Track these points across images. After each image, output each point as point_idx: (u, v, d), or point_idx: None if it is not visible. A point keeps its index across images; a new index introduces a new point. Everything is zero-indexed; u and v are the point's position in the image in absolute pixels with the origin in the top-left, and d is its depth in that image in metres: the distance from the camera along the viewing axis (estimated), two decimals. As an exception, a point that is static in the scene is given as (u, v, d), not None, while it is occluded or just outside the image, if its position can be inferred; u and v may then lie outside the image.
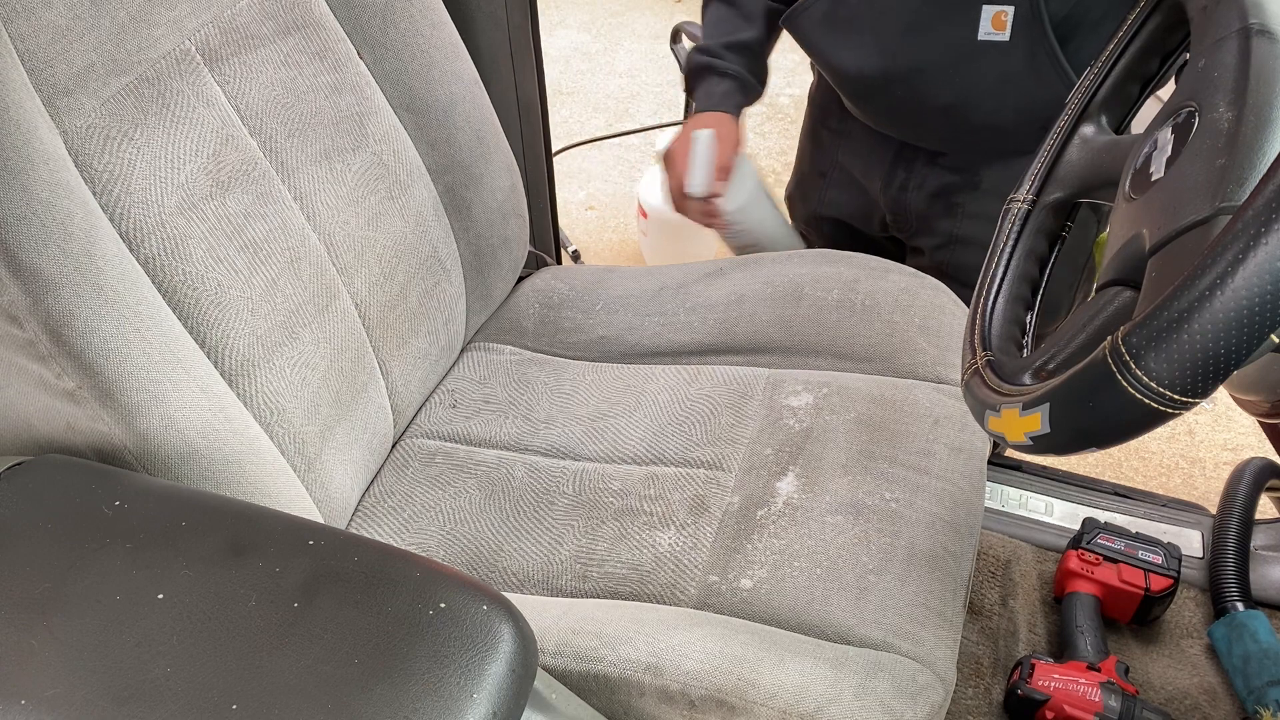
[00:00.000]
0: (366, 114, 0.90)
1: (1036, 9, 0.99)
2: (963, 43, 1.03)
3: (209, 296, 0.73)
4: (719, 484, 0.89)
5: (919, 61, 1.07)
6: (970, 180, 1.17)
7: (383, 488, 0.94)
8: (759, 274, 1.08)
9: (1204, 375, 0.43)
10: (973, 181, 1.17)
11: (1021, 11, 0.99)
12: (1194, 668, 1.07)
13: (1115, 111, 0.70)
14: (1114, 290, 0.56)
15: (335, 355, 0.84)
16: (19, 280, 0.58)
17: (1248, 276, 0.41)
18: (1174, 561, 1.08)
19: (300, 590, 0.52)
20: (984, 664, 1.08)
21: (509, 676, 0.50)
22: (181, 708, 0.48)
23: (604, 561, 0.84)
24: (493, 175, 1.04)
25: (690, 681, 0.69)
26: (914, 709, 0.68)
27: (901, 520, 0.82)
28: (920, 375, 0.97)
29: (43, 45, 0.64)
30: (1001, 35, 1.01)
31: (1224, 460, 1.70)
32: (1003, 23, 1.00)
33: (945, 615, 0.77)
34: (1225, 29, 0.56)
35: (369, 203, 0.89)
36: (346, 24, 0.90)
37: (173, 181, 0.72)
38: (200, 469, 0.67)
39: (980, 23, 1.01)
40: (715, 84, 1.19)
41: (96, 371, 0.61)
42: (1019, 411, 0.51)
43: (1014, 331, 0.65)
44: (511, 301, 1.15)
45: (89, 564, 0.54)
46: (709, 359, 1.04)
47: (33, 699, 0.48)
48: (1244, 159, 0.50)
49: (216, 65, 0.78)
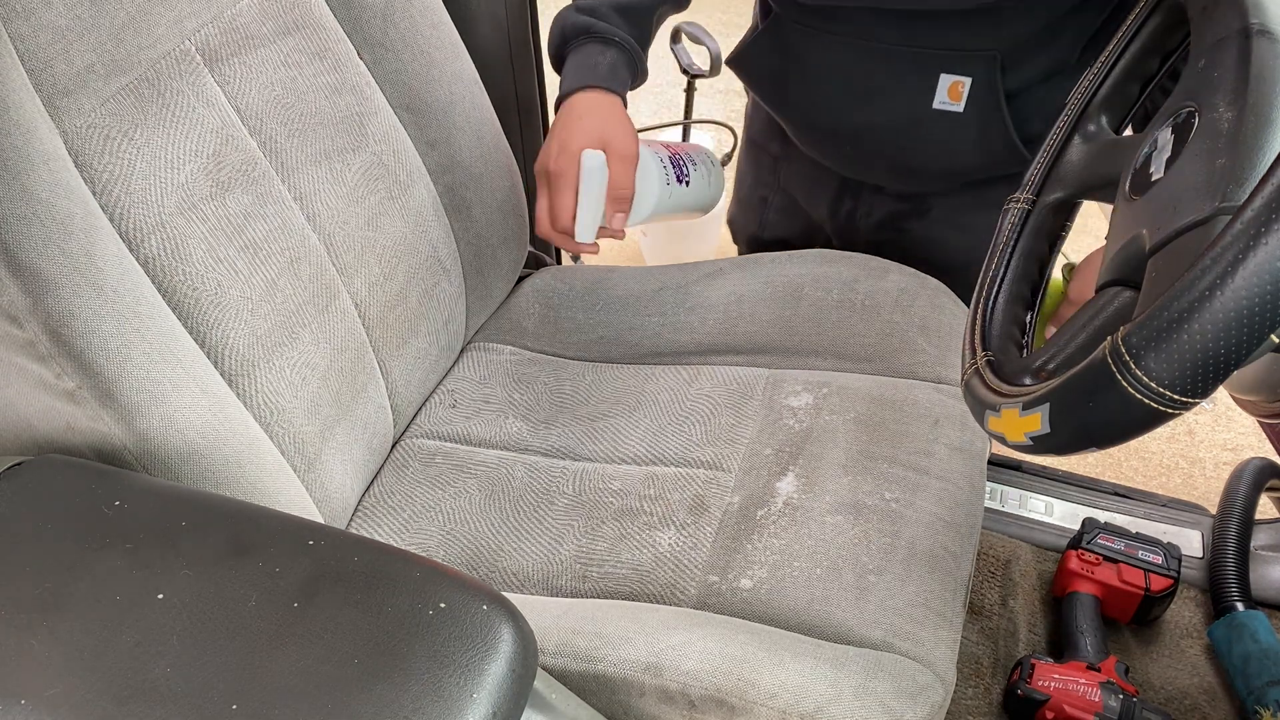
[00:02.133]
0: (366, 114, 0.90)
1: (993, 81, 0.96)
2: (916, 110, 0.99)
3: (209, 296, 0.73)
4: (719, 484, 0.89)
5: (868, 123, 1.03)
6: (919, 208, 1.14)
7: (383, 488, 0.94)
8: (759, 274, 1.08)
9: (1204, 375, 0.43)
10: (921, 209, 1.14)
11: (978, 83, 0.96)
12: (1194, 668, 1.07)
13: (1115, 111, 0.70)
14: (1114, 290, 0.56)
15: (335, 355, 0.84)
16: (19, 280, 0.58)
17: (1248, 276, 0.41)
18: (1174, 561, 1.08)
19: (300, 590, 0.52)
20: (984, 664, 1.08)
21: (509, 676, 0.50)
22: (181, 708, 0.48)
23: (604, 561, 0.84)
24: (493, 175, 1.04)
25: (690, 681, 0.69)
26: (914, 709, 0.68)
27: (901, 520, 0.82)
28: (920, 375, 0.97)
29: (43, 45, 0.64)
30: (956, 106, 0.98)
31: (1224, 460, 1.70)
32: (959, 94, 0.97)
33: (945, 615, 0.77)
34: (1225, 29, 0.56)
35: (369, 203, 0.89)
36: (346, 24, 0.90)
37: (173, 181, 0.72)
38: (200, 469, 0.67)
39: (936, 91, 0.97)
40: (598, 54, 0.95)
41: (96, 371, 0.61)
42: (1019, 411, 0.51)
43: (1014, 331, 0.65)
44: (511, 301, 1.15)
45: (89, 564, 0.54)
46: (709, 359, 1.04)
47: (33, 699, 0.48)
48: (1244, 159, 0.50)
49: (216, 65, 0.78)
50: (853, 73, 1.00)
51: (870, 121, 1.02)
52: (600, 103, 0.94)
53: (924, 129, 1.00)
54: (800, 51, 1.02)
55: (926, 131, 1.01)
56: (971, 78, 0.96)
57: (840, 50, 0.99)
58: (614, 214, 0.94)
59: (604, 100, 0.94)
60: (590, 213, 0.92)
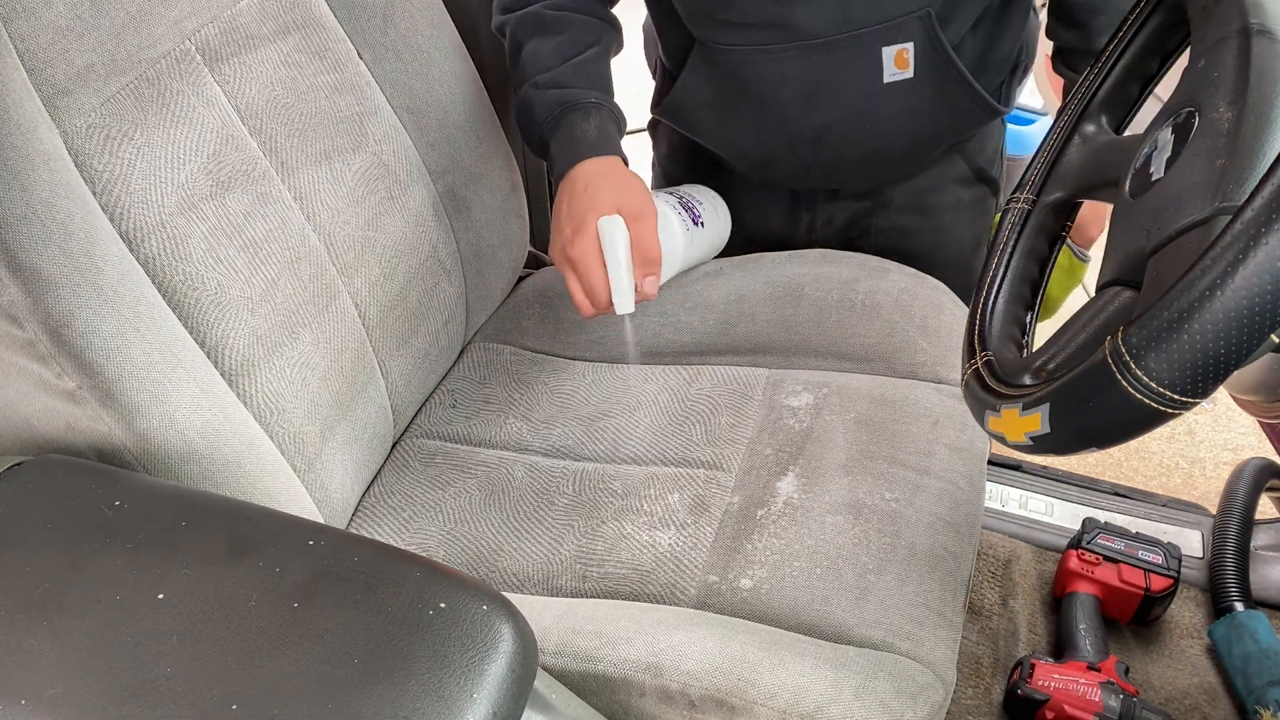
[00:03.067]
0: (366, 114, 0.90)
1: (934, 37, 0.96)
2: (869, 89, 0.99)
3: (209, 296, 0.73)
4: (719, 484, 0.89)
5: (825, 119, 1.02)
6: (880, 201, 1.14)
7: (383, 488, 0.94)
8: (759, 274, 1.08)
9: (1204, 375, 0.43)
10: (882, 202, 1.14)
11: (920, 44, 0.96)
12: (1194, 668, 1.07)
13: (1115, 111, 0.70)
14: (1114, 290, 0.56)
15: (335, 355, 0.84)
16: (19, 280, 0.58)
17: (1248, 276, 0.41)
18: (1174, 561, 1.08)
19: (300, 590, 0.52)
20: (984, 664, 1.08)
21: (509, 676, 0.50)
22: (181, 708, 0.48)
23: (604, 561, 0.84)
24: (493, 175, 1.04)
25: (690, 681, 0.69)
26: (914, 709, 0.68)
27: (901, 520, 0.82)
28: (920, 375, 0.97)
29: (43, 45, 0.64)
30: (906, 73, 0.98)
31: (1224, 460, 1.70)
32: (905, 60, 0.97)
33: (945, 615, 0.77)
34: (1225, 29, 0.56)
35: (369, 203, 0.89)
36: (346, 24, 0.90)
37: (173, 181, 0.72)
38: (200, 469, 0.67)
39: (884, 66, 0.97)
40: (580, 123, 0.93)
41: (96, 371, 0.61)
42: (1019, 411, 0.51)
43: (1014, 331, 0.65)
44: (511, 301, 1.15)
45: (89, 564, 0.54)
46: (709, 359, 1.04)
47: (33, 699, 0.48)
48: (1244, 159, 0.50)
49: (216, 65, 0.78)
50: (799, 76, 0.99)
51: (827, 119, 1.02)
52: (601, 169, 0.91)
53: (881, 105, 1.00)
54: (739, 74, 1.01)
55: (884, 107, 1.01)
56: (912, 41, 0.96)
57: (781, 59, 0.98)
58: (644, 277, 0.89)
59: (604, 165, 0.91)
60: (624, 281, 0.88)
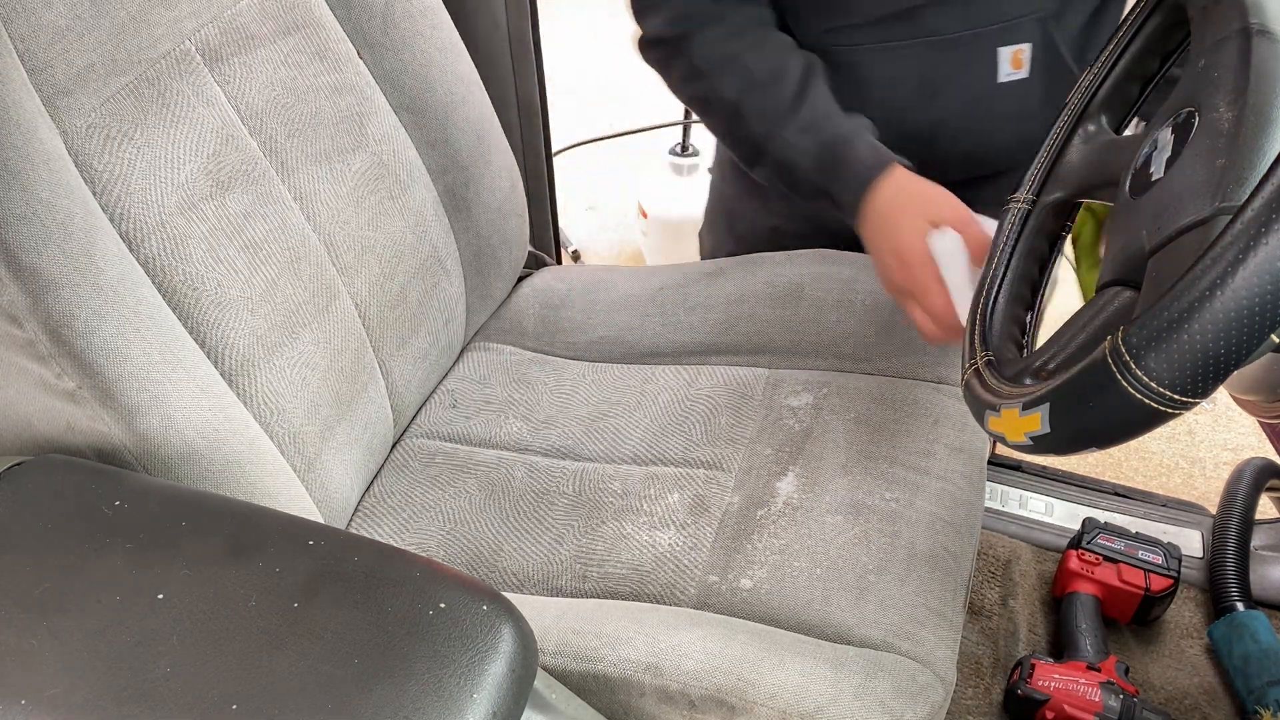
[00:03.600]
0: (366, 114, 0.90)
1: (1050, 39, 0.97)
2: (984, 89, 1.00)
3: (209, 296, 0.73)
4: (719, 484, 0.89)
5: (940, 118, 1.02)
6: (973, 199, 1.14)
7: (383, 488, 0.94)
8: (759, 274, 1.08)
9: (1204, 375, 0.43)
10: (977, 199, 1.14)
11: (1038, 45, 0.98)
12: (1194, 668, 1.07)
13: (1115, 111, 0.70)
14: (1114, 290, 0.56)
15: (335, 355, 0.84)
16: (19, 280, 0.58)
17: (1248, 276, 0.41)
18: (1174, 561, 1.08)
19: (300, 590, 0.52)
20: (984, 664, 1.08)
21: (509, 676, 0.50)
22: (181, 708, 0.48)
23: (604, 561, 0.84)
24: (493, 175, 1.04)
25: (690, 681, 0.69)
26: (914, 709, 0.68)
27: (901, 520, 0.82)
28: (920, 375, 0.97)
29: (43, 45, 0.64)
30: (1022, 73, 0.99)
31: (1224, 460, 1.70)
32: (1021, 61, 0.99)
33: (945, 615, 0.77)
34: (1225, 29, 0.56)
35: (369, 203, 0.89)
36: (346, 24, 0.90)
37: (173, 181, 0.72)
38: (200, 469, 0.67)
39: (999, 65, 0.99)
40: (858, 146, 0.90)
41: (96, 372, 0.61)
42: (1019, 411, 0.51)
43: (1014, 331, 0.65)
44: (511, 301, 1.15)
45: (89, 564, 0.54)
46: (709, 359, 1.04)
47: (33, 699, 0.48)
48: (1244, 159, 0.50)
49: (216, 65, 0.78)
50: (916, 74, 1.00)
51: (941, 116, 1.03)
52: (895, 185, 0.88)
53: (995, 105, 1.01)
54: (856, 74, 1.01)
55: (998, 106, 1.02)
56: (1030, 42, 0.98)
57: (900, 56, 1.00)
58: None
59: (895, 180, 0.88)
60: (966, 293, 0.81)
